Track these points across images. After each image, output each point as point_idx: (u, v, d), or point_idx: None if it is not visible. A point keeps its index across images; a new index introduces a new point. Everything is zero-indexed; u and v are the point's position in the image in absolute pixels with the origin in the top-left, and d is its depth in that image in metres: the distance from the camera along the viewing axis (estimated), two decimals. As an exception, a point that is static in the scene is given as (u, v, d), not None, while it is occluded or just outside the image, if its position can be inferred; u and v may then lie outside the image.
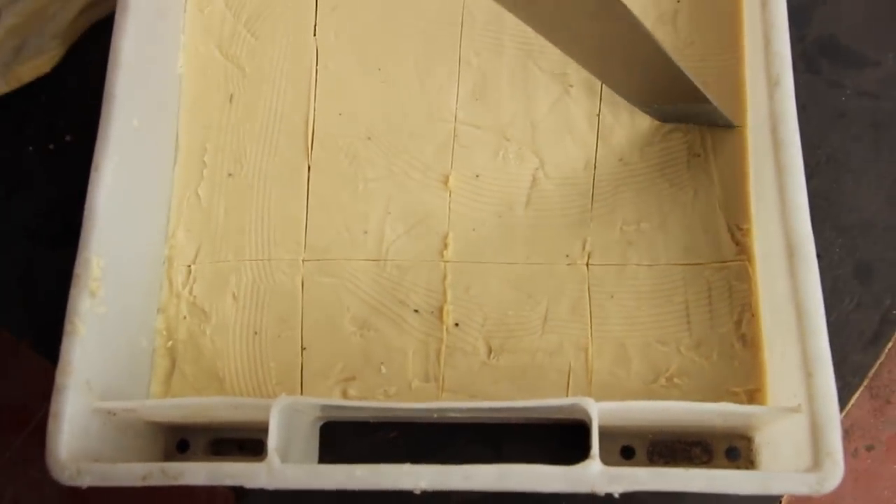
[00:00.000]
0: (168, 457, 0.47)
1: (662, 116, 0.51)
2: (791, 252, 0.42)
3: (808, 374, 0.40)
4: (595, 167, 0.50)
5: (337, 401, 0.46)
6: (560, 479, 0.38)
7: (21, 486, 0.44)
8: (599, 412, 0.40)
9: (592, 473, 0.38)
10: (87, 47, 0.56)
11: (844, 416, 0.50)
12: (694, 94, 0.48)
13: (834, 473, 0.38)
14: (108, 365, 0.44)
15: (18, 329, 0.53)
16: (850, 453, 0.50)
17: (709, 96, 0.48)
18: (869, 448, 0.51)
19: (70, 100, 0.55)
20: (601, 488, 0.39)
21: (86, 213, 0.44)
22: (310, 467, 0.40)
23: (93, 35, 0.56)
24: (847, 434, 0.50)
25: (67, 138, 0.55)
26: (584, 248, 0.49)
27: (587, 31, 0.44)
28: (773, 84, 0.45)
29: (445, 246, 0.49)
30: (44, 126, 0.55)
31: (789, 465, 0.41)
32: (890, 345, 0.50)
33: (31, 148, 0.55)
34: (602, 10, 0.42)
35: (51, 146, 0.55)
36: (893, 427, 0.52)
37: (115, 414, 0.43)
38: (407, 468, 0.39)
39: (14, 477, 0.51)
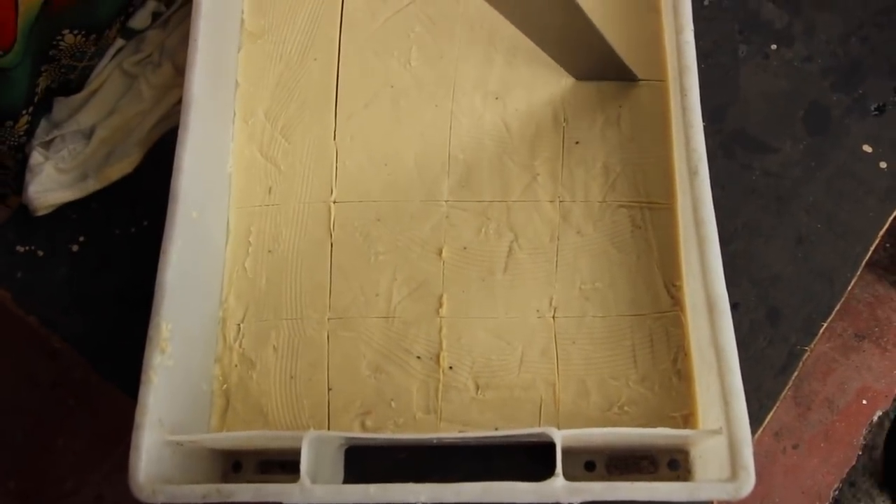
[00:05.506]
0: (225, 476, 0.47)
1: (580, 75, 0.52)
2: (711, 308, 0.43)
3: (726, 404, 0.41)
4: (558, 239, 0.50)
5: (355, 434, 0.46)
6: (532, 493, 0.39)
7: (121, 489, 0.44)
8: (563, 438, 0.40)
9: (557, 488, 0.39)
10: (160, 151, 0.56)
11: (775, 421, 0.49)
12: (613, 61, 0.50)
13: (747, 483, 0.39)
14: (176, 405, 0.45)
15: (109, 373, 0.52)
16: (780, 451, 0.50)
17: (622, 59, 0.50)
18: (795, 447, 0.51)
19: (147, 193, 0.55)
20: (564, 499, 0.39)
21: (156, 286, 0.45)
22: (334, 487, 0.41)
23: (165, 142, 0.56)
24: (777, 436, 0.50)
25: (145, 223, 0.56)
26: (550, 304, 0.49)
27: (537, 12, 0.46)
28: (692, 173, 0.46)
29: (441, 305, 0.49)
30: (127, 214, 0.56)
31: (715, 474, 0.41)
32: (796, 373, 0.50)
33: (117, 231, 0.56)
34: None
35: (132, 230, 0.55)
36: (814, 429, 0.52)
37: (182, 444, 0.44)
38: (410, 487, 0.39)
39: (115, 481, 0.51)
